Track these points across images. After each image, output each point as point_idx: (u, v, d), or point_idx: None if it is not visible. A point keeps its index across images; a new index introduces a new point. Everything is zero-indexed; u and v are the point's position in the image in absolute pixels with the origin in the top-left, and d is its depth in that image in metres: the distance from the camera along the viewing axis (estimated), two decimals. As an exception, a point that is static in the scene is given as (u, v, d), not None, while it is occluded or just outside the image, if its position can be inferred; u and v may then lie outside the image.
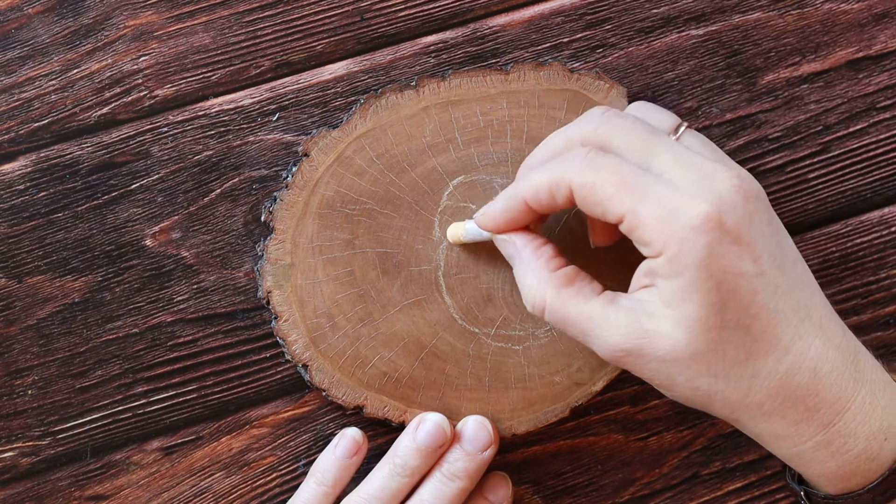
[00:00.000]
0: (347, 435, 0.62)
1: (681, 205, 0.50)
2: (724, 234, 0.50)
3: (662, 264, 0.51)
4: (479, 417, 0.62)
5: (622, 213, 0.51)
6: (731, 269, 0.50)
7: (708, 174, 0.51)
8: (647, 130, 0.53)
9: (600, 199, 0.52)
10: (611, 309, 0.53)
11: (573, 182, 0.52)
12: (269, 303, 0.62)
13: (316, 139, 0.62)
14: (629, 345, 0.52)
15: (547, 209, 0.55)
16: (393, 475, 0.60)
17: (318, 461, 0.62)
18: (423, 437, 0.60)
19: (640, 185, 0.51)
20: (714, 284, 0.50)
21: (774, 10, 0.66)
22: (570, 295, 0.54)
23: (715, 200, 0.50)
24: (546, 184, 0.53)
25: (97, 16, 0.64)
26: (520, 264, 0.56)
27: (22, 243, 0.63)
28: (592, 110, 0.55)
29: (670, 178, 0.51)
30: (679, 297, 0.51)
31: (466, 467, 0.61)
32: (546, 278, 0.55)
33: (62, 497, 0.63)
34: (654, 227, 0.51)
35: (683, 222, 0.50)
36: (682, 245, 0.50)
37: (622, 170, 0.51)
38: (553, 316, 0.55)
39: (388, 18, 0.65)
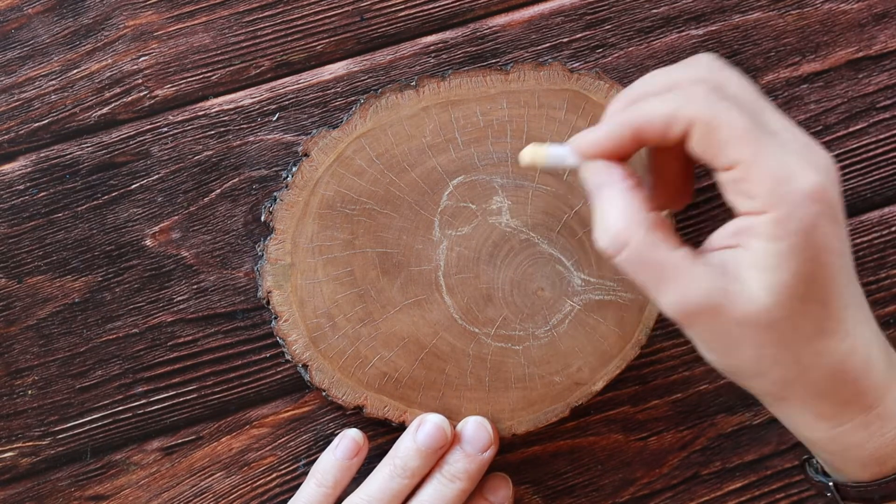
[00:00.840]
0: (348, 436, 0.62)
1: (798, 169, 0.49)
2: (828, 208, 0.49)
3: (765, 223, 0.49)
4: (478, 418, 0.62)
5: (736, 160, 0.49)
6: (829, 244, 0.50)
7: (810, 145, 0.51)
8: (753, 86, 0.52)
9: (719, 139, 0.49)
10: (697, 262, 0.51)
11: (696, 116, 0.50)
12: (269, 303, 0.62)
13: (316, 139, 0.62)
14: (708, 301, 0.50)
15: (654, 142, 0.51)
16: (393, 476, 0.60)
17: (318, 462, 0.62)
18: (424, 439, 0.60)
19: (762, 137, 0.49)
20: (811, 255, 0.49)
21: (774, 10, 0.66)
22: (658, 239, 0.51)
23: (824, 173, 0.50)
24: (663, 114, 0.50)
25: (97, 16, 0.64)
26: (610, 197, 0.52)
27: (22, 243, 0.63)
28: (702, 56, 0.53)
29: (783, 140, 0.50)
30: (774, 261, 0.49)
31: (467, 468, 0.60)
32: (638, 218, 0.51)
33: (62, 497, 0.63)
34: (768, 184, 0.49)
35: (798, 186, 0.49)
36: (794, 208, 0.49)
37: (746, 116, 0.50)
38: (632, 256, 0.51)
39: (388, 18, 0.65)
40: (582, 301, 0.63)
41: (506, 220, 0.62)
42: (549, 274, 0.62)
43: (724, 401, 0.66)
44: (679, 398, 0.66)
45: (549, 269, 0.62)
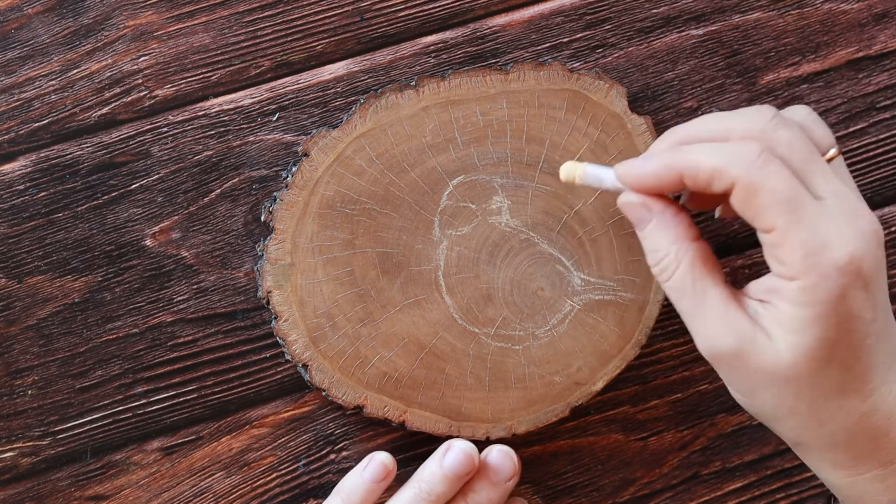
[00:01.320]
0: (377, 459, 0.61)
1: (830, 240, 0.51)
2: (858, 278, 0.51)
3: (793, 290, 0.51)
4: (504, 447, 0.61)
5: (772, 226, 0.51)
6: (855, 312, 0.51)
7: (856, 212, 0.52)
8: (808, 148, 0.53)
9: (759, 203, 0.51)
10: (731, 306, 0.53)
11: (739, 178, 0.51)
12: (269, 303, 0.62)
13: (316, 139, 0.62)
14: (735, 347, 0.52)
15: (696, 189, 0.53)
16: (418, 500, 0.60)
17: (344, 480, 0.61)
18: (452, 465, 0.60)
19: (799, 207, 0.51)
20: (836, 323, 0.51)
21: (774, 10, 0.66)
22: (704, 271, 0.53)
23: (860, 243, 0.51)
24: (709, 168, 0.52)
25: (97, 16, 0.64)
26: (657, 226, 0.54)
27: (22, 243, 0.63)
28: (761, 109, 0.54)
29: (825, 207, 0.51)
30: (799, 324, 0.51)
31: (490, 498, 0.60)
32: (686, 245, 0.54)
33: (62, 497, 0.63)
34: (800, 253, 0.51)
35: (829, 259, 0.50)
36: (821, 280, 0.50)
37: (789, 184, 0.51)
38: (678, 284, 0.54)
39: (388, 18, 0.65)
40: (582, 301, 0.63)
41: (506, 220, 0.62)
42: (549, 274, 0.62)
43: (724, 401, 0.66)
44: (679, 398, 0.66)
45: (549, 269, 0.62)
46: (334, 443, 0.64)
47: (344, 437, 0.65)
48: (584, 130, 0.62)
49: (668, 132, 0.55)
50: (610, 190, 0.55)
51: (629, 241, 0.63)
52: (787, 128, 0.53)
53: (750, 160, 0.51)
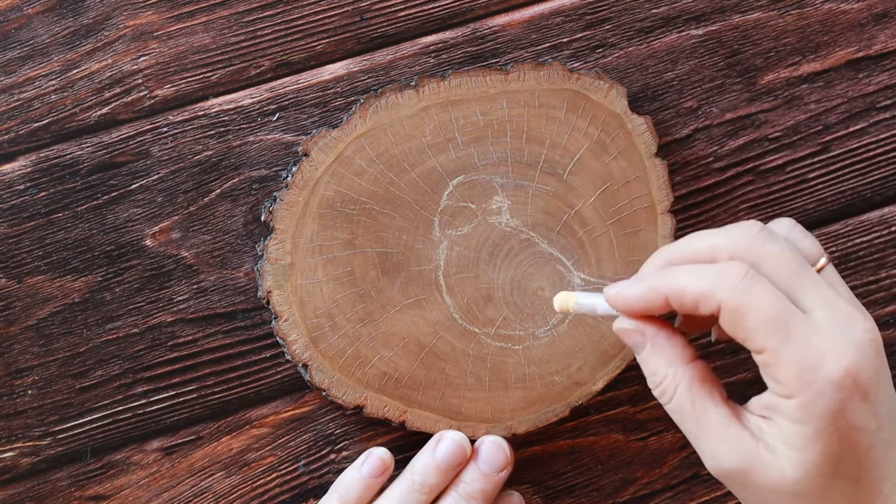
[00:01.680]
0: (375, 455, 0.61)
1: (823, 354, 0.51)
2: (857, 390, 0.51)
3: (791, 408, 0.51)
4: (496, 438, 0.61)
5: (764, 347, 0.51)
6: (857, 424, 0.51)
7: (849, 322, 0.52)
8: (797, 262, 0.53)
9: (747, 326, 0.51)
10: (733, 424, 0.53)
11: (725, 302, 0.52)
12: (269, 303, 0.62)
13: (316, 139, 0.62)
14: (740, 466, 0.52)
15: (685, 312, 0.54)
16: (412, 492, 0.60)
17: (341, 477, 0.62)
18: (443, 455, 0.60)
19: (788, 325, 0.51)
20: (838, 437, 0.51)
21: (774, 10, 0.66)
22: (702, 393, 0.54)
23: (854, 355, 0.51)
24: (695, 290, 0.52)
25: (97, 16, 0.64)
26: (653, 351, 0.55)
27: (22, 243, 0.63)
28: (747, 225, 0.54)
29: (815, 321, 0.52)
30: (801, 441, 0.51)
31: (483, 488, 0.61)
32: (682, 368, 0.54)
33: (62, 497, 0.63)
34: (793, 371, 0.51)
35: (824, 374, 0.50)
36: (817, 397, 0.51)
37: (775, 303, 0.51)
38: (677, 406, 0.54)
39: (388, 18, 0.65)
40: (582, 301, 0.63)
41: (506, 220, 0.62)
42: (549, 274, 0.62)
43: (725, 401, 0.66)
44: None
45: (549, 269, 0.62)
46: (334, 443, 0.64)
47: (344, 437, 0.65)
48: (584, 130, 0.62)
49: (658, 252, 0.56)
50: (604, 316, 0.56)
51: (629, 241, 0.63)
52: (774, 242, 0.53)
53: (734, 282, 0.52)
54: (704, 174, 0.66)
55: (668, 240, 0.63)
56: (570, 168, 0.62)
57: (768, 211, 0.66)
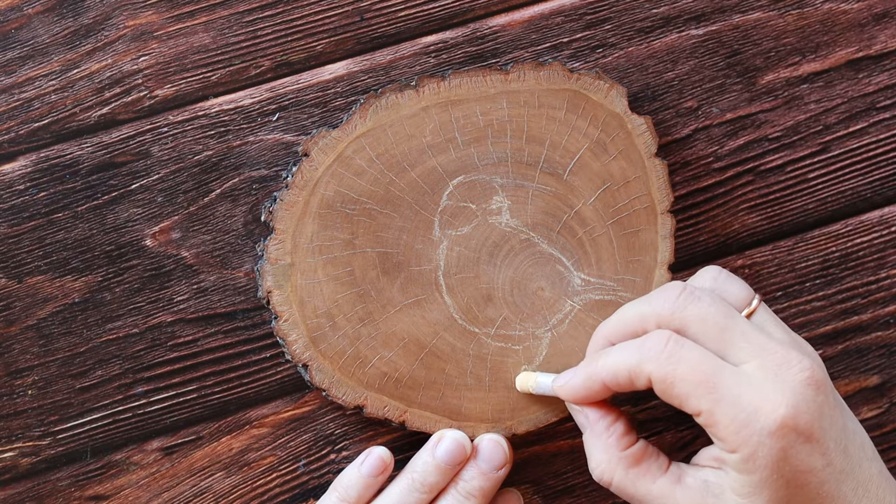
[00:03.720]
0: (374, 453, 0.62)
1: (757, 407, 0.52)
2: (797, 435, 0.52)
3: (736, 461, 0.53)
4: (495, 436, 0.62)
5: (699, 410, 0.53)
6: (802, 467, 0.52)
7: (782, 365, 0.53)
8: (722, 314, 0.54)
9: (678, 393, 0.53)
10: (678, 488, 0.55)
11: (652, 374, 0.54)
12: (269, 303, 0.62)
13: (316, 139, 0.62)
14: None
15: (626, 390, 0.56)
16: (412, 490, 0.60)
17: (341, 476, 0.62)
18: (444, 455, 0.60)
19: (718, 384, 0.52)
20: (784, 482, 0.52)
21: (774, 10, 0.66)
22: (637, 475, 0.56)
23: (790, 401, 0.52)
24: (625, 369, 0.55)
25: (97, 16, 0.64)
26: (591, 436, 0.58)
27: (22, 243, 0.63)
28: (669, 288, 0.56)
29: (747, 372, 0.53)
30: (749, 489, 0.53)
31: (482, 486, 0.61)
32: (616, 457, 0.56)
33: (62, 497, 0.63)
34: (731, 428, 0.52)
35: (760, 427, 0.52)
36: (757, 448, 0.52)
37: (700, 366, 0.53)
38: (619, 492, 0.56)
39: (388, 18, 0.65)
40: (582, 301, 0.63)
41: (506, 220, 0.62)
42: (549, 274, 0.62)
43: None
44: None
45: (549, 269, 0.62)
46: (334, 443, 0.64)
47: (344, 437, 0.65)
48: (584, 130, 0.62)
49: (596, 331, 0.58)
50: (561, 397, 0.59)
51: (629, 241, 0.63)
52: (697, 302, 0.54)
53: (657, 353, 0.53)
54: (704, 174, 0.66)
55: (667, 240, 0.63)
56: (570, 168, 0.62)
57: (768, 211, 0.66)
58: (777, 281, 0.66)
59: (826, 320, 0.66)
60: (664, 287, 0.56)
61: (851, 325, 0.66)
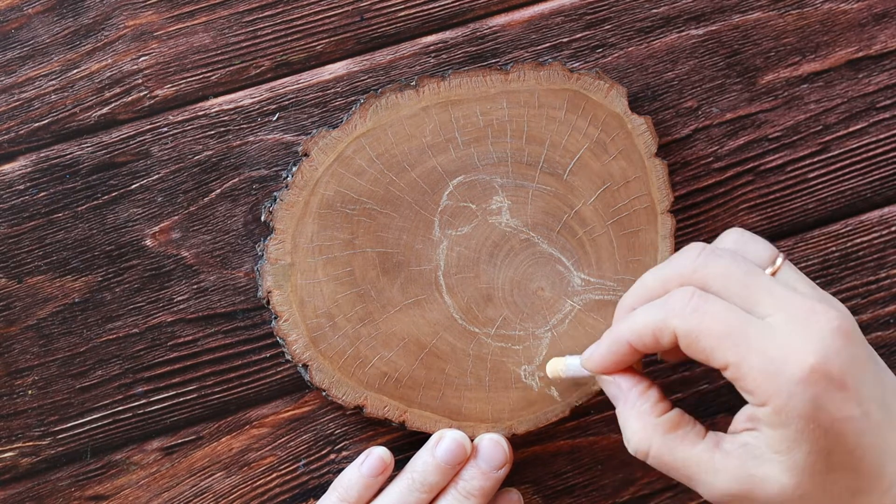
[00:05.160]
0: (375, 454, 0.62)
1: (786, 356, 0.51)
2: (829, 382, 0.51)
3: (768, 414, 0.51)
4: (495, 436, 0.62)
5: (726, 363, 0.52)
6: (838, 415, 0.51)
7: (810, 317, 0.52)
8: (744, 271, 0.53)
9: (704, 347, 0.52)
10: (717, 454, 0.53)
11: (677, 329, 0.53)
12: (269, 303, 0.62)
13: (316, 139, 0.62)
14: (737, 490, 0.53)
15: (652, 350, 0.55)
16: (412, 490, 0.60)
17: (342, 476, 0.62)
18: (444, 454, 0.60)
19: (744, 336, 0.51)
20: (822, 432, 0.51)
21: (774, 10, 0.66)
22: (676, 441, 0.54)
23: (819, 349, 0.51)
24: (650, 328, 0.54)
25: (97, 16, 0.64)
26: (625, 406, 0.56)
27: (22, 243, 0.63)
28: (689, 249, 0.55)
29: (773, 324, 0.52)
30: (787, 444, 0.51)
31: (482, 486, 0.61)
32: (652, 424, 0.55)
33: (62, 497, 0.63)
34: (760, 379, 0.51)
35: (789, 375, 0.51)
36: (788, 399, 0.51)
37: (726, 318, 0.52)
38: (657, 461, 0.55)
39: (388, 18, 0.65)
40: (582, 301, 0.63)
41: (506, 220, 0.62)
42: (549, 274, 0.62)
43: (725, 401, 0.66)
44: (679, 398, 0.66)
45: (549, 269, 0.62)
46: (334, 443, 0.64)
47: (344, 437, 0.65)
48: (584, 130, 0.62)
49: (619, 303, 0.57)
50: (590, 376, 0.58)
51: (629, 241, 0.63)
52: (717, 259, 0.54)
53: (682, 308, 0.53)
54: (704, 174, 0.66)
55: (667, 240, 0.63)
56: (570, 168, 0.62)
57: (768, 211, 0.66)
58: (777, 281, 0.66)
59: (826, 320, 0.66)
60: (684, 248, 0.55)
61: (851, 325, 0.66)
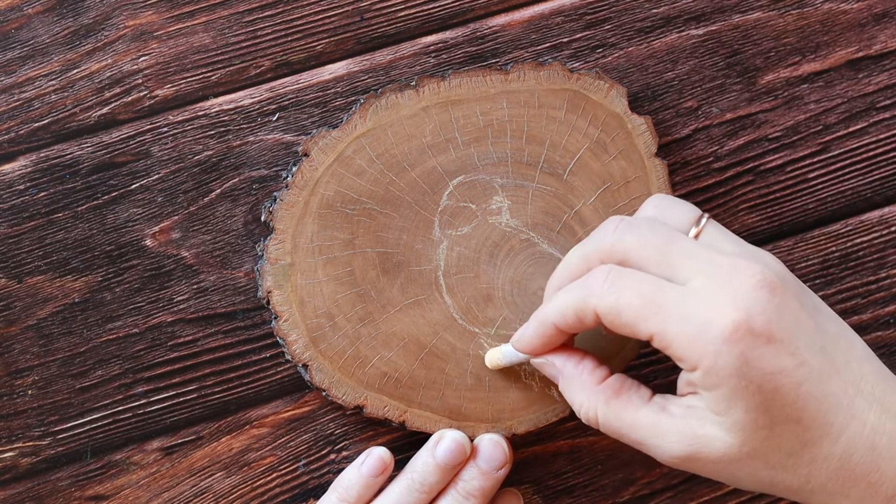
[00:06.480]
0: (375, 454, 0.61)
1: (708, 318, 0.50)
2: (755, 338, 0.50)
3: (700, 378, 0.51)
4: (495, 436, 0.62)
5: (650, 334, 0.52)
6: (769, 369, 0.50)
7: (731, 274, 0.51)
8: (663, 237, 0.53)
9: (626, 321, 0.52)
10: (663, 417, 0.53)
11: (597, 307, 0.53)
12: (269, 303, 0.62)
13: (316, 139, 0.62)
14: (685, 452, 0.53)
15: (579, 330, 0.55)
16: (411, 491, 0.60)
17: (342, 476, 0.62)
18: (444, 455, 0.60)
19: (664, 304, 0.51)
20: (755, 388, 0.50)
21: (774, 10, 0.66)
22: (620, 406, 0.55)
23: (741, 305, 0.50)
24: (572, 308, 0.54)
25: (97, 16, 0.64)
26: (564, 382, 0.57)
27: (22, 243, 0.63)
28: (607, 223, 0.55)
29: (694, 288, 0.51)
30: (724, 405, 0.51)
31: (482, 486, 0.61)
32: (593, 391, 0.55)
33: (62, 497, 0.63)
34: (685, 345, 0.51)
35: (713, 336, 0.50)
36: (716, 359, 0.50)
37: (643, 289, 0.52)
38: (607, 428, 0.55)
39: (388, 18, 0.65)
40: (582, 301, 0.63)
41: (506, 220, 0.62)
42: (549, 274, 0.62)
43: (724, 401, 0.66)
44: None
45: (549, 269, 0.62)
46: (334, 443, 0.65)
47: (344, 437, 0.65)
48: (584, 130, 0.62)
49: (547, 284, 0.57)
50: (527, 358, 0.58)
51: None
52: (634, 230, 0.53)
53: (599, 286, 0.53)
54: (704, 174, 0.66)
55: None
56: (570, 168, 0.63)
57: (768, 211, 0.66)
58: (777, 281, 0.66)
59: (826, 320, 0.66)
60: (603, 223, 0.55)
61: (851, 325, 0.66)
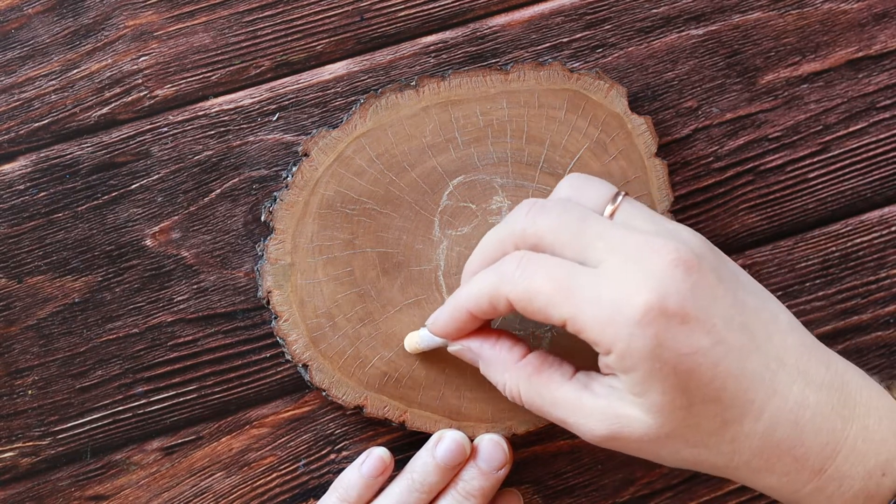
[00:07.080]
0: (375, 454, 0.61)
1: (619, 300, 0.50)
2: (668, 318, 0.49)
3: (615, 361, 0.51)
4: (495, 436, 0.62)
5: (563, 319, 0.51)
6: (684, 349, 0.50)
7: (644, 254, 0.50)
8: (575, 218, 0.52)
9: (538, 308, 0.51)
10: (585, 395, 0.53)
11: (510, 295, 0.52)
12: (269, 303, 0.62)
13: (316, 139, 0.62)
14: (607, 431, 0.52)
15: (493, 316, 0.55)
16: (411, 491, 0.60)
17: (342, 476, 0.62)
18: (444, 455, 0.60)
19: (575, 287, 0.51)
20: (670, 370, 0.50)
21: (774, 9, 0.66)
22: (541, 383, 0.54)
23: (653, 285, 0.50)
24: (485, 295, 0.53)
25: (97, 16, 0.64)
26: (484, 365, 0.57)
27: (22, 243, 0.63)
28: (520, 206, 0.54)
29: (606, 270, 0.51)
30: (640, 387, 0.51)
31: (482, 486, 0.61)
32: (514, 369, 0.55)
33: (62, 497, 0.63)
34: (598, 328, 0.50)
35: (625, 319, 0.50)
36: (629, 342, 0.50)
37: (554, 273, 0.51)
38: (531, 405, 0.55)
39: (388, 18, 0.65)
40: (582, 301, 0.62)
41: (506, 220, 0.62)
42: (549, 274, 0.62)
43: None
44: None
45: (549, 269, 0.62)
46: (334, 443, 0.65)
47: (344, 437, 0.65)
48: (584, 130, 0.62)
49: (464, 269, 0.57)
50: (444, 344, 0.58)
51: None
52: (546, 213, 0.53)
53: (511, 273, 0.52)
54: (704, 174, 0.66)
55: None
56: (571, 168, 0.62)
57: (768, 211, 0.66)
58: (777, 281, 0.66)
59: (826, 320, 0.66)
60: (517, 206, 0.55)
61: (851, 325, 0.66)
